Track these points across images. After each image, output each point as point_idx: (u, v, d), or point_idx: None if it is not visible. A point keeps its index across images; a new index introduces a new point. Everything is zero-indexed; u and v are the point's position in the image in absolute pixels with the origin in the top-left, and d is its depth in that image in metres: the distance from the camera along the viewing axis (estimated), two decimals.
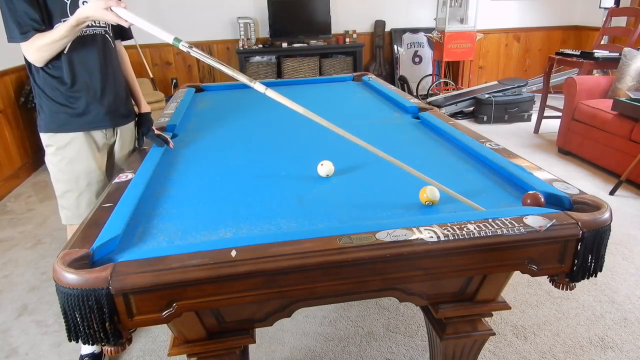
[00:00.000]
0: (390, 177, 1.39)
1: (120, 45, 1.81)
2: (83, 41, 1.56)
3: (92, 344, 0.91)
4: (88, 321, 0.87)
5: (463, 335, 1.29)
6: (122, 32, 1.77)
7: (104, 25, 1.64)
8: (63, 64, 1.55)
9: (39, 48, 1.46)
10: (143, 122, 1.80)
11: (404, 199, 1.22)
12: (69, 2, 1.51)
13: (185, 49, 1.34)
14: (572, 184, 1.20)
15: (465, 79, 5.71)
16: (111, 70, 1.69)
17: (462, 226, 0.99)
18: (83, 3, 1.53)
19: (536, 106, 4.74)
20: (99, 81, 1.64)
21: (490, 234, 0.97)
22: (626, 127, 3.17)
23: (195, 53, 1.36)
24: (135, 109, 1.85)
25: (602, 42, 4.50)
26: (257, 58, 5.49)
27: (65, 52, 1.54)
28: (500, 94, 4.85)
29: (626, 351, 1.78)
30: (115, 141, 1.78)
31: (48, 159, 1.67)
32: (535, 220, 1.00)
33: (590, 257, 1.02)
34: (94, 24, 1.59)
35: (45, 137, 1.64)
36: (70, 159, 1.65)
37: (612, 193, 3.11)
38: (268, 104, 2.41)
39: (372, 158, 1.55)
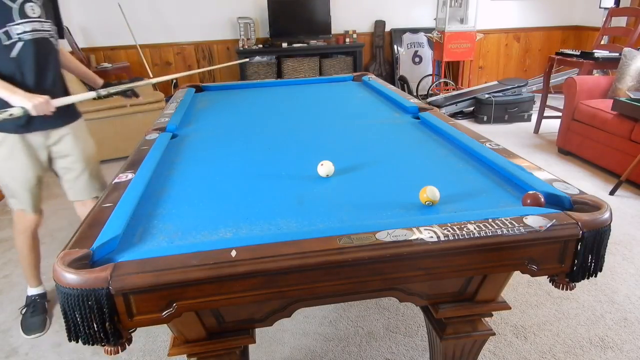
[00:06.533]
0: (390, 177, 1.39)
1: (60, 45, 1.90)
2: (22, 47, 1.64)
3: (92, 344, 0.91)
4: (88, 321, 0.87)
5: (463, 335, 1.29)
6: (59, 32, 1.87)
7: (49, 29, 1.72)
8: (11, 67, 1.64)
9: None
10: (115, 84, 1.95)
11: (404, 199, 1.22)
12: (17, 8, 1.59)
13: (104, 93, 1.78)
14: (572, 184, 1.20)
15: (465, 79, 5.71)
16: (50, 75, 1.77)
17: (462, 226, 0.99)
18: (31, 8, 1.62)
19: (536, 106, 4.75)
20: (34, 86, 1.71)
21: (490, 234, 0.97)
22: (626, 127, 3.17)
23: (114, 89, 1.78)
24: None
25: (602, 42, 4.50)
26: (257, 58, 5.49)
27: (14, 54, 1.64)
28: (500, 94, 4.85)
29: (626, 351, 1.78)
30: (57, 142, 1.87)
31: None
32: (535, 220, 1.00)
33: (590, 257, 1.02)
34: (38, 29, 1.67)
35: None
36: (4, 156, 1.77)
37: (612, 193, 3.11)
38: (268, 104, 2.42)
39: (372, 158, 1.55)
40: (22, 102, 1.60)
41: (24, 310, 2.09)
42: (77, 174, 1.97)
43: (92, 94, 1.76)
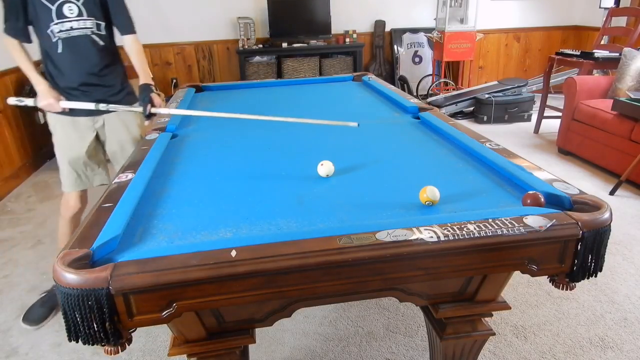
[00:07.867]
0: (390, 177, 1.39)
1: (125, 39, 2.07)
2: (62, 45, 1.84)
3: (92, 344, 0.91)
4: (88, 321, 0.87)
5: (463, 335, 1.30)
6: (121, 27, 2.04)
7: (90, 26, 1.88)
8: (56, 62, 1.87)
9: (5, 47, 1.86)
10: (140, 91, 2.03)
11: (404, 199, 1.22)
12: (54, 9, 1.79)
13: (104, 108, 1.92)
14: (572, 184, 1.20)
15: (465, 79, 5.71)
16: (95, 68, 1.95)
17: (462, 226, 0.99)
18: (69, 8, 1.80)
19: (536, 106, 4.74)
20: (80, 77, 1.92)
21: (490, 234, 0.97)
22: (626, 127, 3.17)
23: (113, 107, 1.94)
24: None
25: (602, 42, 4.50)
26: (257, 58, 5.48)
27: (59, 51, 1.84)
28: (500, 94, 4.85)
29: (626, 351, 1.78)
30: (102, 125, 2.07)
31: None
32: (535, 220, 1.00)
33: (590, 257, 1.02)
34: (76, 27, 1.85)
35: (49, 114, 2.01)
36: (59, 135, 2.03)
37: (612, 193, 3.11)
38: (268, 105, 2.42)
39: (372, 158, 1.55)
40: (38, 96, 1.89)
41: (43, 295, 2.16)
42: (116, 158, 2.16)
43: (91, 105, 1.90)
